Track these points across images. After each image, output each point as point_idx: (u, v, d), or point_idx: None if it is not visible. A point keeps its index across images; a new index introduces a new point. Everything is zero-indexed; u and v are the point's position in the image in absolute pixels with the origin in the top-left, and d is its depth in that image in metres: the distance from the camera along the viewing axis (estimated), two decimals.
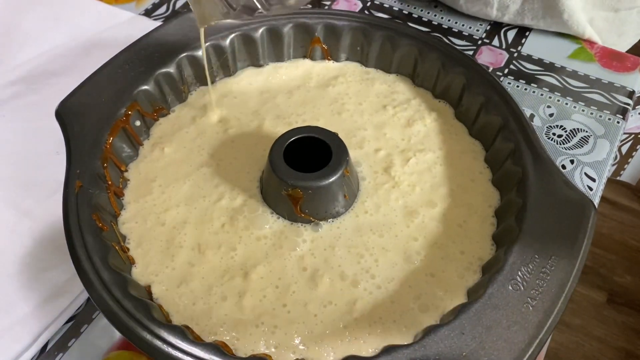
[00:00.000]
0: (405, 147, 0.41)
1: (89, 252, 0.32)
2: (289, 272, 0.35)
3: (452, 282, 0.34)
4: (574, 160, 0.49)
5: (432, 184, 0.39)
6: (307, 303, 0.33)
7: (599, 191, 0.47)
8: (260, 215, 0.37)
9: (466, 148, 0.41)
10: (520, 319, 0.29)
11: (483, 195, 0.38)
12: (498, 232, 0.36)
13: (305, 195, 0.35)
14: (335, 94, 0.45)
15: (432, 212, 0.37)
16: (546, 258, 0.31)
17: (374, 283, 0.34)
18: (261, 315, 0.33)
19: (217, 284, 0.34)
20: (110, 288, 0.31)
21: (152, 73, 0.41)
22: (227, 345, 0.31)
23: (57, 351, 0.38)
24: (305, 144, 0.37)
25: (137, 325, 0.30)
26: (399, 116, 0.43)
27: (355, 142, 0.41)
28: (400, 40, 0.44)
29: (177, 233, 0.36)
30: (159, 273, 0.35)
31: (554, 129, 0.51)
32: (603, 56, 0.57)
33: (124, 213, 0.37)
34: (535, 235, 0.33)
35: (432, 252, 0.36)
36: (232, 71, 0.46)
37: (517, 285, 0.31)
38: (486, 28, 0.59)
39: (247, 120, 0.43)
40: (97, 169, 0.36)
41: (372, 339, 0.32)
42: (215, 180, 0.39)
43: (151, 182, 0.39)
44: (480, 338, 0.29)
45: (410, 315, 0.33)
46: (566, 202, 0.34)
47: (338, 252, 0.36)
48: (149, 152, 0.41)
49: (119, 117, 0.39)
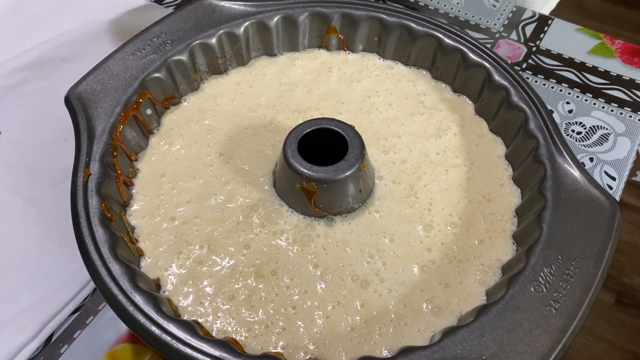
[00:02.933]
0: (431, 162, 0.39)
1: (97, 242, 0.31)
2: (300, 270, 0.34)
3: (469, 288, 0.33)
4: (593, 158, 0.47)
5: (452, 200, 0.37)
6: (317, 303, 0.32)
7: (619, 190, 0.46)
8: (274, 210, 0.36)
9: (490, 154, 0.39)
10: (543, 322, 0.28)
11: (505, 200, 0.37)
12: (519, 232, 0.35)
13: (320, 189, 0.34)
14: (362, 90, 0.43)
15: (451, 228, 0.36)
16: (570, 259, 0.30)
17: (384, 286, 0.33)
18: (271, 316, 0.32)
19: (227, 282, 0.33)
20: (119, 280, 0.30)
21: (163, 60, 0.40)
22: (237, 342, 0.30)
23: (63, 342, 0.37)
24: (321, 137, 0.36)
25: (145, 319, 0.29)
26: (427, 124, 0.41)
27: (383, 145, 0.40)
28: (418, 32, 0.42)
29: (187, 229, 0.35)
30: (168, 268, 0.34)
31: (573, 126, 0.49)
32: (624, 52, 0.55)
33: (133, 204, 0.36)
34: (559, 235, 0.31)
35: (448, 265, 0.34)
36: (245, 60, 0.44)
37: (539, 287, 0.29)
38: (504, 22, 0.58)
39: (261, 113, 0.42)
40: (107, 157, 0.35)
41: (383, 340, 0.31)
42: (226, 176, 0.38)
43: (160, 177, 0.38)
44: (501, 341, 0.28)
45: (424, 318, 0.32)
46: (591, 202, 0.33)
47: (350, 250, 0.34)
48: (159, 144, 0.40)
49: (129, 104, 0.38)
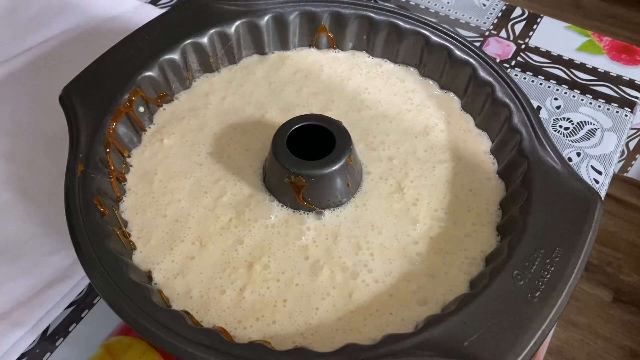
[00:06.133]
0: (418, 159, 0.39)
1: (89, 236, 0.32)
2: (292, 263, 0.34)
3: (454, 278, 0.34)
4: (580, 153, 0.48)
5: (439, 195, 0.37)
6: (308, 295, 0.33)
7: (605, 184, 0.47)
8: (265, 205, 0.37)
9: (476, 149, 0.40)
10: (523, 309, 0.29)
11: (490, 193, 0.38)
12: (503, 223, 0.35)
13: (308, 183, 0.35)
14: (352, 87, 0.44)
15: (437, 221, 0.36)
16: (550, 250, 0.31)
17: (372, 277, 0.34)
18: (262, 309, 0.33)
19: (218, 277, 0.34)
20: (110, 273, 0.31)
21: (156, 59, 0.41)
22: (226, 331, 0.31)
23: (58, 335, 0.38)
24: (312, 134, 0.37)
25: (136, 311, 0.30)
26: (414, 121, 0.42)
27: (371, 142, 0.40)
28: (406, 30, 0.43)
29: (179, 226, 0.36)
30: (160, 261, 0.34)
31: (561, 122, 0.50)
32: (612, 49, 0.56)
33: (126, 200, 0.37)
34: (540, 226, 0.32)
35: (434, 256, 0.35)
36: (236, 59, 0.45)
37: (520, 276, 0.30)
38: (494, 20, 0.59)
39: (251, 111, 0.42)
40: (100, 153, 0.36)
41: (369, 330, 0.32)
42: (217, 173, 0.39)
43: (153, 175, 0.39)
44: (482, 328, 0.28)
45: (409, 308, 0.33)
46: (572, 193, 0.33)
47: (340, 242, 0.35)
48: (151, 141, 0.41)
49: (122, 102, 0.38)
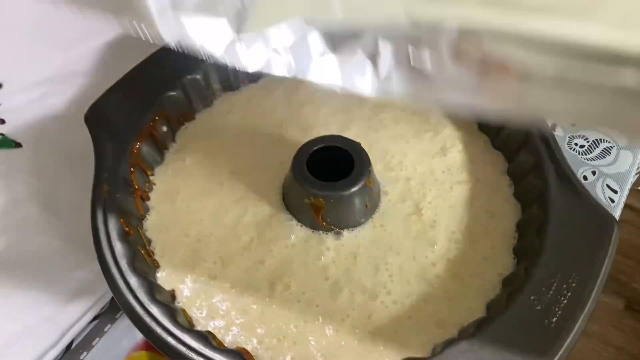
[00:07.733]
0: (436, 180, 0.40)
1: (116, 256, 0.33)
2: (312, 284, 0.35)
3: (471, 301, 0.34)
4: (595, 171, 0.48)
5: (456, 217, 0.38)
6: (328, 316, 0.34)
7: (621, 203, 0.47)
8: (286, 224, 0.37)
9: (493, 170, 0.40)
10: (540, 335, 0.29)
11: (507, 215, 0.38)
12: (519, 246, 0.36)
13: (327, 204, 0.35)
14: (371, 106, 0.44)
15: (454, 244, 0.37)
16: (567, 275, 0.32)
17: (390, 299, 0.34)
18: (283, 330, 0.33)
19: (240, 296, 0.35)
20: (136, 292, 0.32)
21: (179, 78, 0.42)
22: (248, 352, 0.32)
23: (82, 349, 0.39)
24: (331, 153, 0.37)
25: (161, 330, 0.30)
26: (432, 141, 0.42)
27: (389, 162, 0.41)
28: None
29: (202, 246, 0.37)
30: (183, 281, 0.35)
31: (576, 139, 0.50)
32: None
33: (149, 218, 0.38)
34: (557, 251, 0.33)
35: (452, 279, 0.35)
36: (256, 77, 0.46)
37: (537, 301, 0.31)
38: None
39: (270, 130, 0.43)
40: (125, 173, 0.37)
41: (387, 353, 0.32)
42: (238, 192, 0.39)
43: (175, 194, 0.39)
44: (499, 353, 0.29)
45: (427, 330, 0.33)
46: (588, 218, 0.34)
47: (359, 262, 0.36)
48: (174, 160, 0.41)
49: (146, 122, 0.39)
